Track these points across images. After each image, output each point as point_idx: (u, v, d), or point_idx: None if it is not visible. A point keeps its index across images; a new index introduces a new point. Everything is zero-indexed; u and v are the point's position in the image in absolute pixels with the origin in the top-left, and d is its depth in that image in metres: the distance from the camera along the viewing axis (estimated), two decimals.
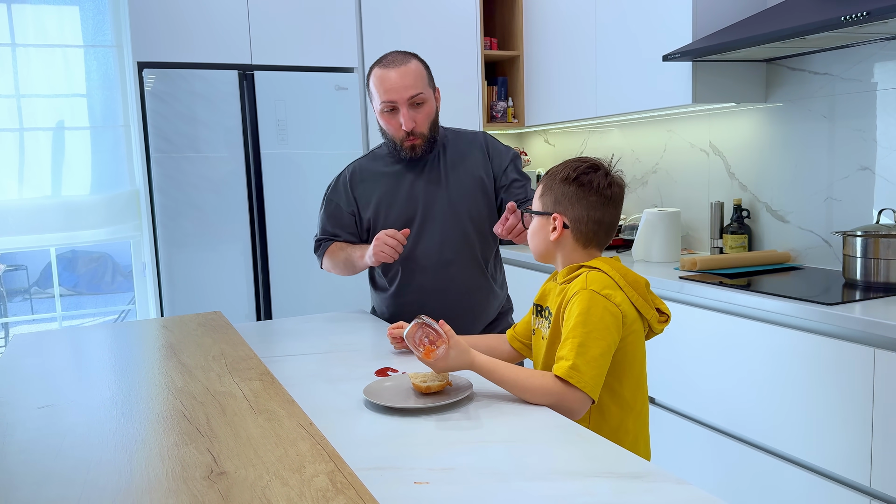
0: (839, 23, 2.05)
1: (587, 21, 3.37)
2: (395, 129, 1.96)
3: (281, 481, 0.92)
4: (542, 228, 1.51)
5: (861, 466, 1.94)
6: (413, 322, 1.41)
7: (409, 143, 1.97)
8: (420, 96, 1.93)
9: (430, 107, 1.98)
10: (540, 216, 1.51)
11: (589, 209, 1.46)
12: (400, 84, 1.91)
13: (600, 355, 1.33)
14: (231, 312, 3.27)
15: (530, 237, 1.55)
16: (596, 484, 1.03)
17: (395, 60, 1.94)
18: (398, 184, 2.04)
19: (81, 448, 1.08)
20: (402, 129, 1.94)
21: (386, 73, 1.92)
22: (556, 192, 1.47)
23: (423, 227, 2.02)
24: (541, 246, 1.53)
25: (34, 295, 6.39)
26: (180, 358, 1.59)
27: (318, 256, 2.17)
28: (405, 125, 1.93)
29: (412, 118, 1.93)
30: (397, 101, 1.91)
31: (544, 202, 1.50)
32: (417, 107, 1.94)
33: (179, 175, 3.16)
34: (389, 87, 1.91)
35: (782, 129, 2.82)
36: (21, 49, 3.29)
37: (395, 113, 1.94)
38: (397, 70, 1.91)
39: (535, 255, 1.56)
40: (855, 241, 2.30)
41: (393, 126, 1.96)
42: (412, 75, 1.92)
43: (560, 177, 1.47)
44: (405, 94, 1.91)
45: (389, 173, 2.06)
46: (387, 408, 1.33)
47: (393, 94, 1.91)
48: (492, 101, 4.05)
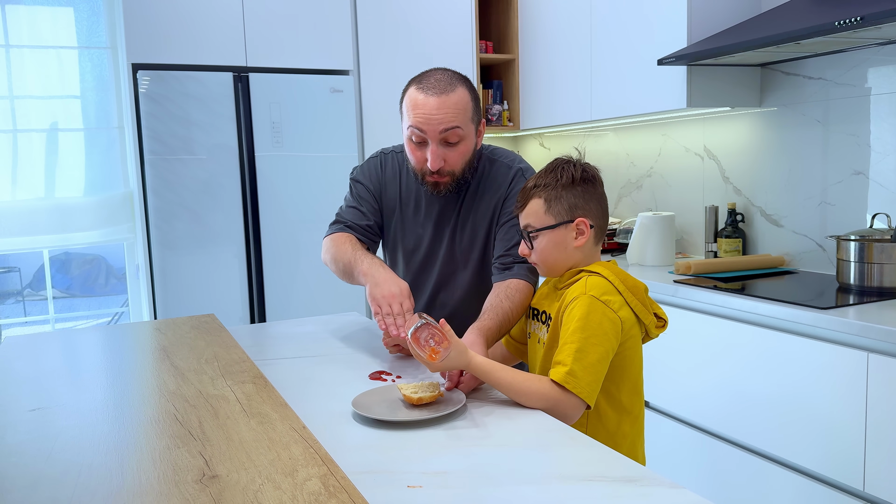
0: (833, 28, 2.05)
1: (582, 25, 3.37)
2: (419, 161, 1.70)
3: (273, 485, 0.91)
4: (560, 241, 1.46)
5: (854, 470, 1.94)
6: (418, 323, 1.39)
7: (431, 179, 1.70)
8: (456, 132, 1.64)
9: (468, 145, 1.69)
10: (556, 229, 1.45)
11: (600, 200, 1.48)
12: (435, 115, 1.61)
13: (598, 361, 1.33)
14: (224, 315, 3.26)
15: (545, 256, 1.47)
16: (590, 488, 1.02)
17: (437, 85, 1.63)
18: (417, 199, 1.84)
19: (73, 451, 1.07)
20: (427, 165, 1.67)
21: (422, 97, 1.62)
22: (567, 199, 1.45)
23: (425, 263, 1.86)
24: (561, 259, 1.47)
25: (27, 297, 6.37)
26: (173, 361, 1.58)
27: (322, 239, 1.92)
28: (431, 164, 1.65)
29: (441, 156, 1.65)
30: (427, 134, 1.63)
31: (556, 213, 1.45)
32: (451, 145, 1.66)
33: (173, 177, 3.16)
34: (422, 116, 1.62)
35: (776, 133, 2.82)
36: (15, 50, 3.28)
37: (422, 146, 1.67)
38: (437, 98, 1.61)
39: (552, 272, 1.50)
40: (849, 246, 2.30)
41: (417, 158, 1.69)
42: (452, 107, 1.62)
43: (563, 182, 1.45)
44: (438, 127, 1.62)
45: (411, 189, 1.84)
46: (376, 421, 1.29)
47: (424, 125, 1.62)
48: (487, 105, 4.05)
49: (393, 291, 1.59)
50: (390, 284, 1.60)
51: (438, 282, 1.86)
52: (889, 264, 2.22)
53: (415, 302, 1.78)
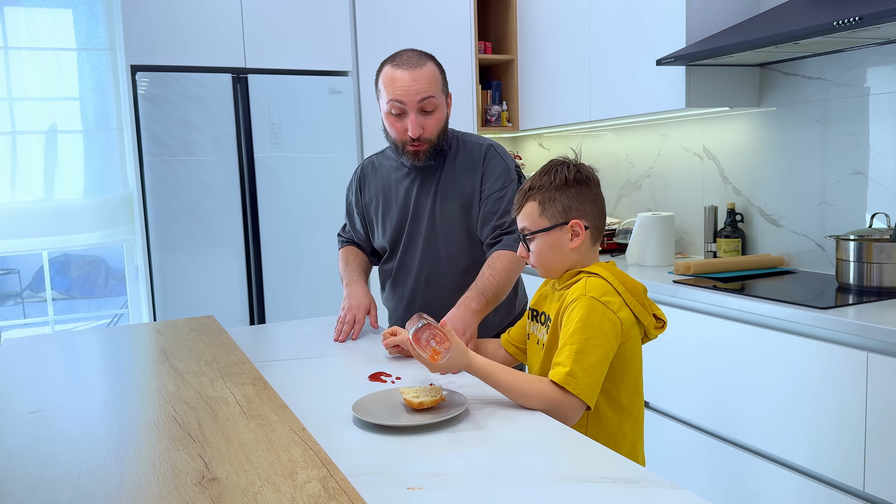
0: (832, 27, 2.05)
1: (581, 25, 3.37)
2: (399, 132, 1.85)
3: (273, 487, 0.91)
4: (556, 243, 1.46)
5: (854, 470, 1.94)
6: (419, 324, 1.39)
7: (412, 147, 1.86)
8: (431, 101, 1.81)
9: (441, 113, 1.86)
10: (551, 231, 1.46)
11: (595, 202, 1.47)
12: (412, 86, 1.78)
13: (597, 362, 1.33)
14: (224, 317, 3.25)
15: (542, 258, 1.48)
16: (590, 489, 1.02)
17: (409, 60, 1.81)
18: (396, 187, 1.98)
19: (72, 454, 1.07)
20: (408, 133, 1.82)
21: (398, 72, 1.79)
22: (561, 201, 1.45)
23: (409, 241, 1.97)
24: (557, 261, 1.48)
25: (26, 299, 6.36)
26: (172, 363, 1.58)
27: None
28: (412, 131, 1.81)
29: (420, 124, 1.81)
30: (406, 105, 1.80)
31: (551, 215, 1.45)
32: (427, 113, 1.82)
33: (172, 178, 3.15)
34: (400, 89, 1.78)
35: (776, 133, 2.82)
36: (14, 52, 3.28)
37: (401, 117, 1.83)
38: (411, 72, 1.79)
39: (550, 274, 1.51)
40: (848, 246, 2.30)
41: (398, 129, 1.85)
42: (426, 78, 1.80)
43: (556, 184, 1.45)
44: (416, 97, 1.79)
45: (392, 173, 2.00)
46: (377, 425, 1.28)
47: (403, 96, 1.79)
48: (486, 105, 4.05)
49: (352, 304, 1.93)
50: (353, 298, 1.94)
51: (423, 258, 1.96)
52: (888, 264, 2.22)
53: (402, 280, 2.00)
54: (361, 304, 1.94)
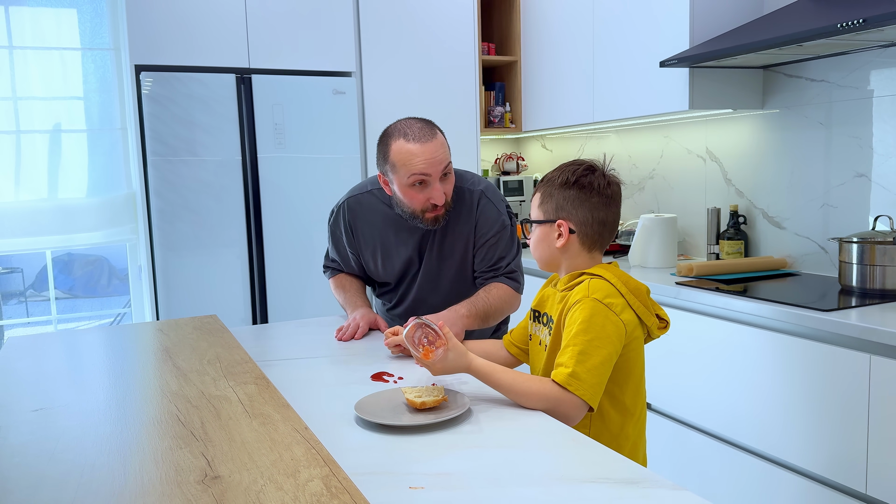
0: (836, 30, 2.05)
1: (585, 27, 3.38)
2: (421, 203, 1.83)
3: (275, 486, 0.91)
4: (545, 237, 1.50)
5: (857, 472, 1.94)
6: (412, 322, 1.40)
7: (432, 214, 1.86)
8: (449, 167, 1.84)
9: (454, 175, 1.90)
10: (542, 224, 1.50)
11: (592, 211, 1.46)
12: (435, 156, 1.78)
13: (601, 364, 1.33)
14: (227, 316, 3.26)
15: (534, 247, 1.53)
16: (591, 489, 1.02)
17: (422, 132, 1.80)
18: (394, 238, 1.99)
19: (75, 452, 1.07)
20: (432, 202, 1.82)
21: (417, 147, 1.77)
22: (556, 199, 1.47)
23: (406, 292, 2.05)
24: (546, 254, 1.51)
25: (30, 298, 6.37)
26: (175, 361, 1.58)
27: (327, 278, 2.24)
28: (438, 200, 1.81)
29: (444, 191, 1.82)
30: (432, 176, 1.79)
31: (545, 210, 1.49)
32: (445, 177, 1.84)
33: (176, 178, 3.16)
34: (424, 162, 1.77)
35: (779, 135, 2.82)
36: (18, 51, 3.29)
37: (424, 187, 1.80)
38: (430, 143, 1.78)
39: (541, 265, 1.55)
40: (851, 248, 2.30)
41: (419, 200, 1.83)
42: (442, 147, 1.81)
43: (559, 182, 1.47)
44: (440, 167, 1.79)
45: (388, 221, 2.00)
46: (379, 425, 1.28)
47: (428, 168, 1.77)
48: (489, 107, 4.05)
49: (355, 316, 1.98)
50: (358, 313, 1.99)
51: (416, 298, 2.03)
52: (891, 266, 2.22)
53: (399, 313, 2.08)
54: (366, 316, 1.99)
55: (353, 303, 2.06)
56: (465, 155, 3.76)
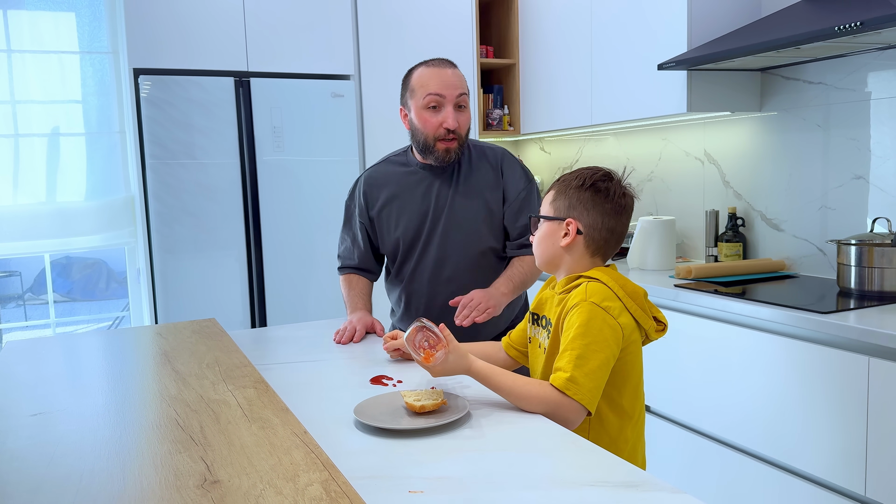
0: (833, 33, 2.06)
1: (583, 29, 3.38)
2: (434, 127, 1.90)
3: (275, 490, 0.91)
4: (551, 234, 1.49)
5: (856, 474, 1.94)
6: (413, 325, 1.40)
7: (444, 144, 1.91)
8: (465, 98, 1.90)
9: (470, 114, 1.95)
10: (551, 221, 1.49)
11: (604, 216, 1.46)
12: (452, 81, 1.88)
13: (598, 367, 1.33)
14: (226, 320, 3.26)
15: (537, 243, 1.53)
16: (590, 493, 1.02)
17: (442, 62, 1.92)
18: (412, 190, 2.00)
19: (74, 456, 1.07)
20: (444, 126, 1.88)
21: (435, 70, 1.89)
22: (570, 198, 1.47)
23: (427, 242, 2.00)
24: (548, 252, 1.51)
25: (28, 301, 6.37)
26: (174, 365, 1.58)
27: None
28: (450, 123, 1.87)
29: (455, 118, 1.88)
30: (446, 98, 1.88)
31: (556, 207, 1.49)
32: (461, 109, 1.90)
33: (175, 181, 3.16)
34: (440, 83, 1.87)
35: (777, 138, 2.83)
36: (17, 55, 3.29)
37: (436, 111, 1.89)
38: (448, 69, 1.90)
39: (540, 262, 1.54)
40: (849, 250, 2.31)
41: (432, 124, 1.89)
42: (461, 78, 1.91)
43: (575, 183, 1.47)
44: (455, 91, 1.88)
45: (405, 176, 2.02)
46: (378, 428, 1.28)
47: (443, 89, 1.87)
48: (487, 110, 4.05)
49: (353, 319, 1.99)
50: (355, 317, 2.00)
51: (440, 256, 1.99)
52: (889, 268, 2.22)
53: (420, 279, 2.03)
54: (363, 319, 2.00)
55: (353, 304, 2.07)
56: None
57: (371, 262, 2.14)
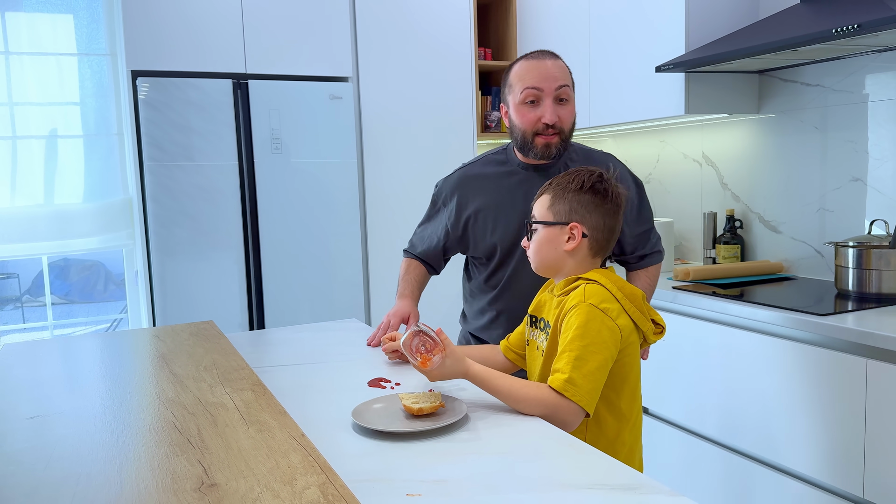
0: (831, 35, 2.06)
1: (581, 32, 3.38)
2: (532, 121, 1.78)
3: (272, 493, 0.91)
4: (553, 239, 1.48)
5: (854, 476, 1.94)
6: (409, 330, 1.40)
7: (543, 139, 1.79)
8: (566, 90, 1.78)
9: (573, 109, 1.83)
10: (551, 227, 1.48)
11: (605, 217, 1.47)
12: (549, 74, 1.76)
13: (597, 369, 1.33)
14: (223, 322, 3.25)
15: (537, 249, 1.51)
16: (589, 496, 1.02)
17: (544, 54, 1.80)
18: (512, 191, 1.87)
19: (71, 459, 1.07)
20: (542, 121, 1.76)
21: (534, 62, 1.78)
22: (570, 202, 1.46)
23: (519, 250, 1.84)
24: (550, 257, 1.49)
25: (26, 303, 6.36)
26: (172, 368, 1.58)
27: None
28: (548, 117, 1.76)
29: (555, 111, 1.77)
30: (544, 91, 1.76)
31: (556, 212, 1.48)
32: (562, 103, 1.79)
33: (173, 184, 3.16)
34: (538, 75, 1.76)
35: (775, 139, 2.83)
36: (14, 57, 3.29)
37: (536, 106, 1.77)
38: (548, 61, 1.78)
39: (541, 268, 1.52)
40: (847, 252, 2.31)
41: (530, 119, 1.78)
42: (562, 69, 1.79)
43: (573, 186, 1.47)
44: (554, 83, 1.76)
45: (504, 177, 1.89)
46: (376, 431, 1.28)
47: (541, 82, 1.75)
48: (486, 112, 4.05)
49: (389, 312, 1.91)
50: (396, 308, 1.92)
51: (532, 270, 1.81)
52: (887, 270, 2.22)
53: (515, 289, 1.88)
54: (399, 311, 1.91)
55: (401, 290, 2.00)
56: (461, 159, 3.76)
57: (438, 259, 2.04)
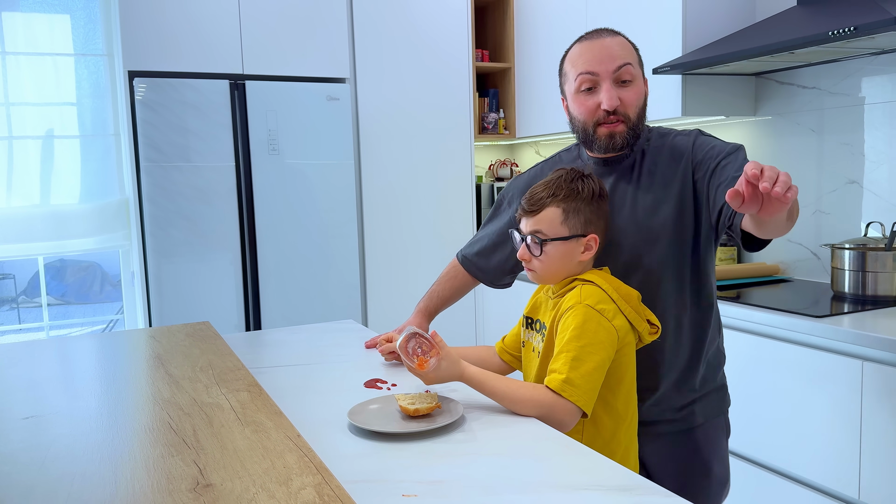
0: (827, 38, 2.07)
1: (578, 33, 3.38)
2: (590, 110, 1.54)
3: (268, 494, 0.91)
4: (569, 253, 1.45)
5: (849, 479, 1.94)
6: (405, 332, 1.40)
7: (606, 128, 1.53)
8: (628, 69, 1.52)
9: (639, 88, 1.55)
10: (567, 241, 1.44)
11: (605, 219, 1.49)
12: (604, 52, 1.53)
13: (594, 370, 1.33)
14: (220, 323, 3.25)
15: (549, 265, 1.45)
16: (585, 497, 1.02)
17: (599, 32, 1.58)
18: None
19: (66, 460, 1.06)
20: (602, 108, 1.52)
21: (586, 43, 1.57)
22: (584, 213, 1.44)
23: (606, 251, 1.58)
24: (564, 270, 1.46)
25: (21, 304, 6.34)
26: (168, 368, 1.57)
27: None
28: (606, 102, 1.51)
29: (615, 95, 1.51)
30: (599, 74, 1.52)
31: (572, 225, 1.44)
32: (624, 84, 1.53)
33: (169, 184, 3.15)
34: (591, 58, 1.53)
35: (771, 142, 2.84)
36: (11, 57, 3.28)
37: (593, 93, 1.53)
38: (602, 40, 1.55)
39: (550, 280, 1.48)
40: (843, 254, 2.31)
41: (588, 108, 1.54)
42: (619, 46, 1.55)
43: (583, 196, 1.44)
44: (610, 64, 1.52)
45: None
46: (372, 432, 1.28)
47: (595, 65, 1.52)
48: (483, 113, 4.06)
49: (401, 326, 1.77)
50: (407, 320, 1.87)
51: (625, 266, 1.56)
52: (883, 272, 2.23)
53: None
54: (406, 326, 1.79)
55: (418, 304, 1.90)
56: (458, 161, 3.76)
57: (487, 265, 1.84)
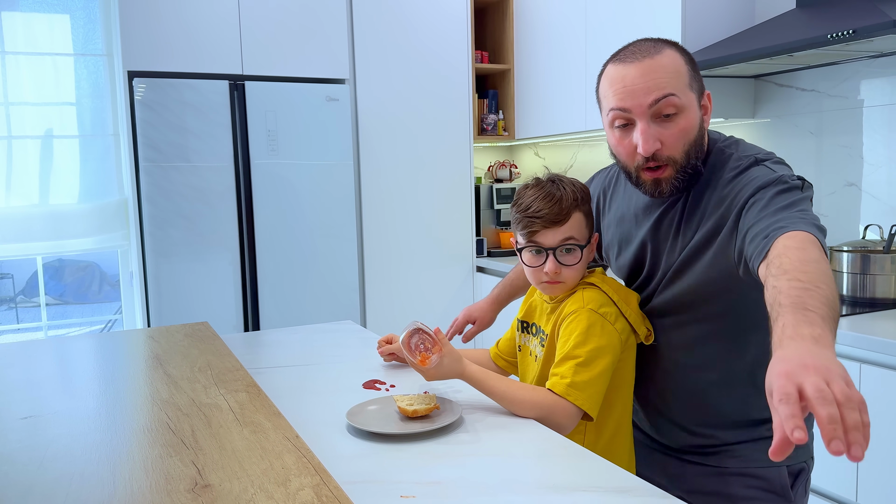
0: (826, 40, 2.07)
1: (577, 35, 3.39)
2: (627, 153, 1.30)
3: (266, 494, 0.91)
4: (586, 259, 1.44)
5: (847, 482, 1.94)
6: (408, 328, 1.39)
7: (649, 175, 1.29)
8: (671, 101, 1.24)
9: (689, 120, 1.26)
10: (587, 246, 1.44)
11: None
12: (640, 85, 1.24)
13: (600, 374, 1.33)
14: (218, 323, 3.25)
15: (581, 270, 1.43)
16: (583, 498, 1.02)
17: (637, 50, 1.27)
18: (638, 212, 1.43)
19: (64, 460, 1.06)
20: (638, 152, 1.27)
21: (622, 69, 1.27)
22: (588, 216, 1.46)
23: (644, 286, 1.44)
24: (578, 276, 1.44)
25: (20, 304, 6.34)
26: (166, 369, 1.57)
27: None
28: (643, 148, 1.25)
29: (655, 136, 1.25)
30: (633, 111, 1.25)
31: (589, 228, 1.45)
32: (665, 119, 1.25)
33: (168, 184, 3.15)
34: (622, 90, 1.26)
35: (770, 144, 2.84)
36: (10, 56, 3.28)
37: (628, 130, 1.28)
38: (639, 64, 1.25)
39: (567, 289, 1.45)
40: (841, 257, 2.32)
41: (625, 148, 1.30)
42: (660, 70, 1.24)
43: (583, 199, 1.44)
44: (644, 99, 1.24)
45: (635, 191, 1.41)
46: (370, 433, 1.28)
47: (627, 100, 1.25)
48: (482, 114, 4.06)
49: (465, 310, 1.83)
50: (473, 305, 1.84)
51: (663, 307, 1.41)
52: (882, 275, 2.23)
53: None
54: (468, 311, 1.82)
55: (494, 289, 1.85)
56: (458, 162, 3.77)
57: None
